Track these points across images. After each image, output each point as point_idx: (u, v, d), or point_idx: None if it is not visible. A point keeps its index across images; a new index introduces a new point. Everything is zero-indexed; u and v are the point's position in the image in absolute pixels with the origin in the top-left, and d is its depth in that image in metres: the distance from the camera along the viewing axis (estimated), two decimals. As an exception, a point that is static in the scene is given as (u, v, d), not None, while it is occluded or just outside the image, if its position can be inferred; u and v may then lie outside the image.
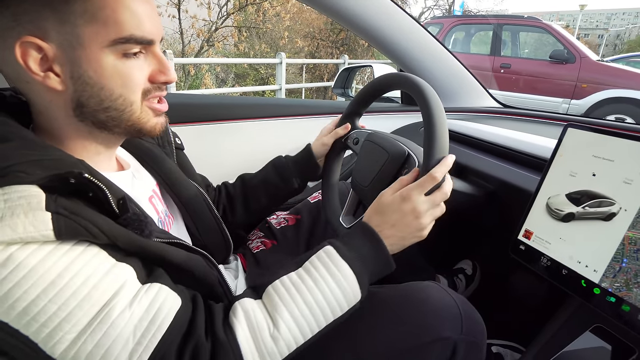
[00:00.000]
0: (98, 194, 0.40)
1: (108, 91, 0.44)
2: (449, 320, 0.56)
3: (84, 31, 0.41)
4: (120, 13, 0.42)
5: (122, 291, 0.39)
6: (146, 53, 0.47)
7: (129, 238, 0.42)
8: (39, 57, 0.41)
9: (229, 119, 1.08)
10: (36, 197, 0.36)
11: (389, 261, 0.54)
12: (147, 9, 0.45)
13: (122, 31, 0.43)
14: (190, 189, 0.71)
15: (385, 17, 1.00)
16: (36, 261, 0.35)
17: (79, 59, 0.42)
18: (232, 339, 0.43)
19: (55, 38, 0.41)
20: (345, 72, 1.42)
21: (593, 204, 0.55)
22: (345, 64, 5.83)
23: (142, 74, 0.47)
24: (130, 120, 0.48)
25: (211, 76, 6.83)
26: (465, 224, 1.12)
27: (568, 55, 4.32)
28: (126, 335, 0.38)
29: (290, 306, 0.46)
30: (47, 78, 0.42)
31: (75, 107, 0.45)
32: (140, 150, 0.66)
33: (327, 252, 0.51)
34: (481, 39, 5.34)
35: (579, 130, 0.60)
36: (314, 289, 0.48)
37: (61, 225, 0.36)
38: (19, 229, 0.34)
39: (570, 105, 4.30)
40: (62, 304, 0.35)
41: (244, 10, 7.33)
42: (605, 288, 0.53)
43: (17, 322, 0.35)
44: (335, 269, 0.49)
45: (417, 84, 0.63)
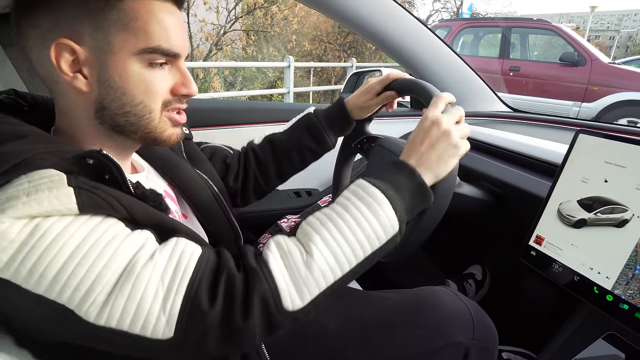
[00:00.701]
0: (115, 173, 0.41)
1: (130, 96, 0.46)
2: (461, 326, 0.56)
3: (116, 38, 0.43)
4: (151, 25, 0.44)
5: (143, 248, 0.40)
6: (171, 65, 0.49)
7: (147, 212, 0.43)
8: (70, 59, 0.43)
9: (240, 124, 1.09)
10: (57, 175, 0.38)
11: (425, 191, 0.50)
12: (176, 24, 0.47)
13: (151, 42, 0.45)
14: (200, 186, 0.71)
15: (393, 21, 1.01)
16: (61, 228, 0.36)
17: (107, 64, 0.44)
18: (265, 267, 0.42)
19: (88, 42, 0.43)
20: (354, 77, 1.42)
21: (605, 210, 0.55)
22: (353, 68, 5.84)
23: (165, 85, 0.49)
24: (147, 128, 0.49)
25: (219, 79, 6.90)
26: (475, 229, 1.11)
27: (578, 57, 4.27)
28: (155, 284, 0.38)
29: (323, 234, 0.44)
30: (75, 79, 0.44)
31: (97, 110, 0.47)
32: (151, 152, 0.68)
33: (359, 184, 0.48)
34: (490, 42, 5.32)
35: (590, 136, 0.60)
36: (346, 216, 0.45)
37: (84, 198, 0.38)
38: (44, 203, 0.36)
39: (581, 108, 4.25)
40: (90, 265, 0.36)
41: (252, 14, 7.40)
42: (618, 295, 0.52)
43: (48, 291, 0.35)
44: (368, 197, 0.46)
45: (428, 90, 0.64)
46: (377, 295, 0.64)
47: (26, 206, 0.35)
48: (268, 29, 7.66)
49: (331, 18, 1.00)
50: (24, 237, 0.35)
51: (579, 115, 4.25)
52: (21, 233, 0.35)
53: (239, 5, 7.12)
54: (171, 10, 0.47)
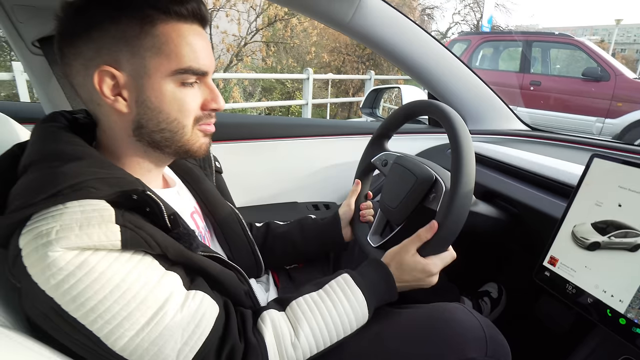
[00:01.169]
0: (155, 209, 0.46)
1: (165, 115, 0.51)
2: (474, 342, 0.58)
3: (151, 62, 0.48)
4: (182, 47, 0.48)
5: (172, 297, 0.45)
6: (200, 83, 0.53)
7: (178, 250, 0.48)
8: (111, 83, 0.48)
9: (261, 138, 1.14)
10: (107, 210, 0.43)
11: (395, 293, 0.64)
12: (203, 44, 0.51)
13: (182, 63, 0.49)
14: (226, 209, 0.76)
15: (411, 40, 1.04)
16: (105, 266, 0.41)
17: (144, 86, 0.49)
18: (261, 343, 0.51)
19: (126, 67, 0.48)
20: (373, 93, 1.46)
21: (619, 234, 0.57)
22: (371, 80, 5.89)
23: (196, 102, 0.53)
24: (180, 142, 0.54)
25: (239, 89, 7.05)
26: (491, 247, 1.12)
27: (602, 73, 4.20)
28: (176, 336, 0.44)
29: (310, 321, 0.54)
30: (116, 102, 0.49)
31: (135, 128, 0.51)
32: (183, 170, 0.73)
33: (345, 278, 0.60)
34: (510, 55, 5.28)
35: (605, 161, 0.61)
36: (332, 308, 0.56)
37: (127, 237, 0.43)
38: (94, 237, 0.41)
39: (605, 125, 4.16)
40: (124, 304, 0.41)
41: (272, 26, 7.56)
42: (631, 319, 0.53)
43: (84, 318, 0.40)
44: (351, 294, 0.58)
45: (446, 114, 0.66)
46: (392, 311, 0.66)
47: (78, 239, 0.40)
48: (288, 40, 7.81)
49: (351, 37, 1.05)
50: (72, 269, 0.40)
51: (602, 132, 4.16)
52: (69, 264, 0.40)
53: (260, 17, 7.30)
54: (198, 31, 0.51)
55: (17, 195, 0.43)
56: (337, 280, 0.60)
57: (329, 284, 0.60)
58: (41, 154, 0.46)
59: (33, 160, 0.46)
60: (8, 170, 0.48)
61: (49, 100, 0.91)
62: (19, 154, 0.50)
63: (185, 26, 0.49)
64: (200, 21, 0.51)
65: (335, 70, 8.42)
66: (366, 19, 0.92)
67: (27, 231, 0.41)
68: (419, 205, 0.72)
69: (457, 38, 6.14)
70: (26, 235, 0.40)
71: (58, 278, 0.39)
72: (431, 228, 0.63)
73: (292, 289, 0.80)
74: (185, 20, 0.49)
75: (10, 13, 0.77)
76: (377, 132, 0.88)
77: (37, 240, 0.40)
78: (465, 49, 5.35)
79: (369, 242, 0.79)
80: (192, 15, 0.49)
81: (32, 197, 0.41)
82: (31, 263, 0.40)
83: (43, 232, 0.40)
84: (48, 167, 0.44)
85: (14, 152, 0.51)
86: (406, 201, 0.73)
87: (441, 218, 0.62)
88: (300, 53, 8.27)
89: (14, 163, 0.48)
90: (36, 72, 0.87)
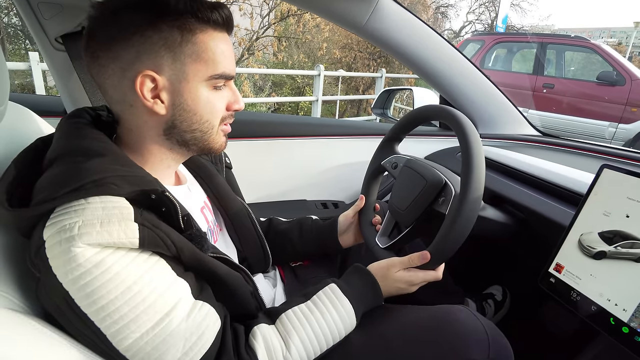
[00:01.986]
0: (170, 209, 0.49)
1: (199, 116, 0.54)
2: (476, 344, 0.59)
3: (190, 68, 0.51)
4: (217, 55, 0.52)
5: (180, 304, 0.47)
6: (226, 86, 0.57)
7: (191, 251, 0.50)
8: (151, 86, 0.50)
9: (272, 136, 1.16)
10: (127, 208, 0.45)
11: (381, 300, 0.67)
12: (231, 51, 0.55)
13: (217, 69, 0.52)
14: (237, 204, 0.78)
15: (424, 43, 1.05)
16: (120, 267, 0.43)
17: (182, 90, 0.51)
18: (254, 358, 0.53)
19: (167, 72, 0.50)
20: (385, 94, 1.47)
21: (625, 244, 0.57)
22: (382, 78, 5.86)
23: (223, 103, 0.56)
24: (207, 141, 0.57)
25: (249, 84, 7.07)
26: (497, 250, 1.13)
27: (617, 77, 4.13)
28: (178, 345, 0.46)
29: (301, 333, 0.56)
30: (155, 104, 0.51)
31: (167, 128, 0.54)
32: (196, 165, 0.75)
33: (332, 289, 0.62)
34: (524, 56, 5.22)
35: (614, 172, 0.62)
36: (321, 319, 0.58)
37: (145, 235, 0.45)
38: (114, 235, 0.43)
39: (618, 130, 4.10)
40: (133, 307, 0.43)
41: (285, 20, 7.54)
42: (634, 328, 0.54)
43: (94, 315, 0.42)
44: (339, 304, 0.60)
45: (458, 120, 0.67)
46: (397, 310, 0.68)
47: (99, 235, 0.42)
48: (299, 36, 7.80)
49: (366, 39, 1.05)
50: (89, 267, 0.42)
51: (615, 137, 4.10)
52: (88, 262, 0.41)
53: (272, 12, 7.29)
54: (226, 38, 0.55)
55: (43, 188, 0.45)
56: (324, 291, 0.62)
57: (317, 294, 0.61)
58: (66, 149, 0.48)
59: (59, 155, 0.48)
60: (32, 163, 0.50)
61: (69, 95, 0.94)
62: (42, 148, 0.52)
63: (219, 34, 0.53)
64: (229, 29, 0.55)
65: (346, 66, 8.38)
66: (382, 22, 0.93)
67: (51, 224, 0.43)
68: (427, 208, 0.73)
69: (470, 38, 6.08)
70: (50, 228, 0.42)
71: (76, 273, 0.41)
72: (423, 257, 0.66)
73: (297, 286, 0.82)
74: (220, 29, 0.53)
75: (36, 10, 0.79)
76: (387, 135, 0.89)
77: (61, 234, 0.42)
78: (478, 49, 5.30)
79: (377, 243, 0.81)
80: (225, 23, 0.53)
81: (56, 190, 0.43)
82: (53, 255, 0.41)
83: (66, 227, 0.42)
84: (72, 162, 0.46)
85: (37, 146, 0.53)
86: (415, 204, 0.74)
87: (449, 223, 0.63)
88: (312, 49, 8.24)
89: (37, 156, 0.51)
90: (58, 68, 0.90)
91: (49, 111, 1.01)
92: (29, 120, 0.67)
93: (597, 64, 4.44)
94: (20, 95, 1.76)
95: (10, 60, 4.53)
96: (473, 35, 6.16)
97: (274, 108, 6.95)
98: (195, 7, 0.49)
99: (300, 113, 7.12)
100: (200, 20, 0.50)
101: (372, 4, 0.90)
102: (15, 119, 0.63)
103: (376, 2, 0.90)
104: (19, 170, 0.48)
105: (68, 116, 0.55)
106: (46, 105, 1.07)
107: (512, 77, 4.93)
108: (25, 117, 0.67)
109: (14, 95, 1.22)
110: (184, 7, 0.49)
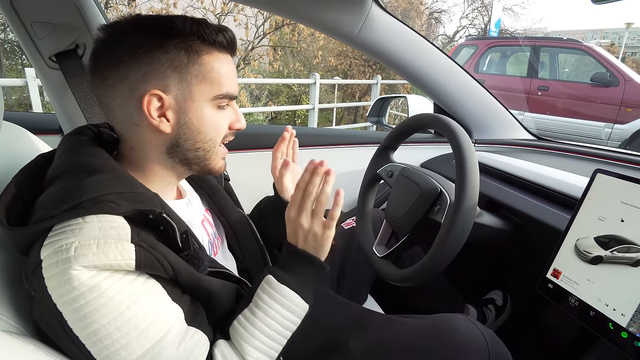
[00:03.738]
0: (168, 229, 0.49)
1: (203, 135, 0.54)
2: (477, 353, 0.59)
3: (196, 88, 0.52)
4: (222, 75, 0.53)
5: (172, 331, 0.46)
6: (229, 105, 0.57)
7: (188, 272, 0.50)
8: (158, 105, 0.51)
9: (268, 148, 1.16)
10: (124, 228, 0.44)
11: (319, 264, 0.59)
12: (234, 72, 0.56)
13: (222, 89, 0.53)
14: (238, 215, 0.78)
15: (417, 52, 1.05)
16: (114, 292, 0.43)
17: (188, 109, 0.52)
18: None
19: (173, 92, 0.51)
20: (379, 102, 1.48)
21: (621, 249, 0.57)
22: (377, 84, 5.89)
23: (227, 122, 0.57)
24: (209, 160, 0.58)
25: (246, 93, 7.10)
26: (496, 255, 1.13)
27: (611, 78, 4.17)
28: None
29: (251, 340, 0.53)
30: (161, 122, 0.52)
31: (171, 146, 0.54)
32: (199, 178, 0.75)
33: (269, 281, 0.56)
34: (518, 60, 5.26)
35: (608, 177, 0.62)
36: (267, 319, 0.54)
37: (141, 257, 0.44)
38: (110, 256, 0.42)
39: (614, 130, 4.13)
40: (124, 333, 0.43)
41: (280, 30, 7.60)
42: (632, 333, 0.54)
43: (86, 338, 0.42)
44: (280, 296, 0.55)
45: (451, 128, 0.68)
46: (397, 320, 0.68)
47: (95, 257, 0.42)
48: (295, 44, 7.86)
49: (358, 50, 1.06)
50: (83, 290, 0.41)
51: (610, 137, 4.13)
52: (82, 285, 0.41)
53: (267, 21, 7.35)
54: (230, 60, 0.56)
55: (42, 205, 0.45)
56: (262, 287, 0.56)
57: (255, 294, 0.57)
58: (67, 166, 0.49)
59: (60, 172, 0.48)
60: (33, 180, 0.50)
61: (64, 113, 0.94)
62: (43, 165, 0.52)
63: (224, 56, 0.54)
64: (233, 51, 0.56)
65: (342, 74, 8.44)
66: (373, 33, 0.94)
67: (48, 243, 0.43)
68: (423, 216, 0.73)
69: (464, 43, 6.14)
70: (47, 248, 0.42)
71: (70, 296, 0.41)
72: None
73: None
74: (224, 51, 0.54)
75: (30, 29, 0.80)
76: (382, 144, 0.90)
77: (58, 255, 0.41)
78: (472, 54, 5.35)
79: (374, 252, 0.81)
80: (229, 45, 0.54)
81: (55, 208, 0.43)
82: (49, 276, 0.41)
83: (63, 247, 0.42)
84: (72, 179, 0.46)
85: (37, 163, 0.53)
86: (411, 212, 0.75)
87: (445, 232, 0.63)
88: (307, 57, 8.30)
89: (38, 173, 0.51)
90: (53, 86, 0.91)
91: (44, 129, 1.01)
92: (24, 139, 0.67)
93: (591, 65, 4.48)
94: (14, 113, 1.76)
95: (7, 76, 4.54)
96: (467, 40, 6.22)
97: (271, 117, 6.98)
98: (201, 29, 0.51)
99: (297, 121, 7.14)
100: (206, 42, 0.51)
101: (363, 14, 0.91)
102: (10, 138, 0.63)
103: (367, 13, 0.91)
104: (18, 188, 0.49)
105: (70, 133, 0.55)
106: (41, 123, 1.07)
107: (507, 81, 4.97)
108: (21, 136, 0.67)
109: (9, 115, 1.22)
110: (191, 29, 0.50)
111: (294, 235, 0.59)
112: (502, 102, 1.22)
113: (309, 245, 0.58)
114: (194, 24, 0.50)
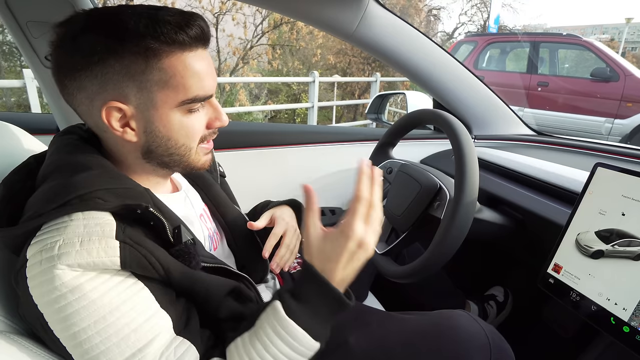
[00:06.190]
0: (158, 224, 0.47)
1: (174, 141, 0.52)
2: (478, 350, 0.59)
3: (158, 95, 0.47)
4: (188, 79, 0.48)
5: (156, 340, 0.43)
6: (204, 104, 0.54)
7: (180, 270, 0.47)
8: (119, 116, 0.48)
9: (267, 146, 1.15)
10: (109, 225, 0.43)
11: (342, 301, 0.49)
12: (208, 68, 0.50)
13: (189, 94, 0.48)
14: (235, 212, 0.78)
15: (417, 49, 1.05)
16: (97, 295, 0.41)
17: (152, 117, 0.49)
18: None
19: (133, 101, 0.47)
20: (378, 99, 1.47)
21: (622, 242, 0.57)
22: (377, 82, 5.88)
23: (202, 124, 0.53)
24: (187, 161, 0.55)
25: (245, 92, 7.09)
26: (497, 251, 1.12)
27: (611, 73, 4.15)
28: None
29: None
30: (124, 133, 0.49)
31: (144, 152, 0.53)
32: (194, 175, 0.75)
33: (274, 311, 0.47)
34: (518, 56, 5.25)
35: (608, 170, 0.62)
36: (265, 354, 0.46)
37: (127, 254, 0.43)
38: (93, 254, 0.41)
39: (614, 125, 4.12)
40: (104, 338, 0.41)
41: (278, 28, 7.59)
42: (634, 327, 0.54)
43: (66, 340, 0.41)
44: (283, 331, 0.46)
45: (450, 124, 0.67)
46: (397, 317, 0.67)
47: (78, 255, 0.40)
48: (293, 43, 7.84)
49: (356, 47, 1.06)
50: (65, 291, 0.40)
51: (611, 132, 4.12)
52: (64, 286, 0.40)
53: (265, 20, 7.33)
54: (202, 55, 0.49)
55: (32, 204, 0.44)
56: (266, 316, 0.48)
57: (259, 319, 0.48)
58: (56, 165, 0.48)
59: (50, 171, 0.47)
60: (24, 180, 0.50)
61: (61, 112, 0.94)
62: (35, 166, 0.52)
63: (190, 54, 0.48)
64: (203, 43, 0.50)
65: (341, 72, 8.42)
66: (371, 29, 0.94)
67: (35, 242, 0.42)
68: (423, 212, 0.73)
69: (463, 39, 6.11)
70: (34, 247, 0.42)
71: (51, 296, 0.40)
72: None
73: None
74: (190, 48, 0.48)
75: (25, 29, 0.79)
76: (381, 140, 0.89)
77: (42, 254, 0.41)
78: (472, 50, 5.33)
79: (374, 249, 0.80)
80: (195, 40, 0.48)
81: (44, 206, 0.43)
82: (32, 275, 0.41)
83: (47, 246, 0.41)
84: (61, 177, 0.45)
85: (29, 164, 0.52)
86: (411, 209, 0.74)
87: (444, 227, 0.63)
88: (306, 55, 8.29)
89: (29, 173, 0.50)
90: (49, 85, 0.90)
91: (42, 129, 1.01)
92: (20, 138, 0.67)
93: (591, 60, 4.46)
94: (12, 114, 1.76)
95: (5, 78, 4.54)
96: (466, 37, 6.20)
97: (271, 116, 6.97)
98: (158, 28, 0.45)
99: (297, 120, 7.14)
100: (165, 44, 0.45)
101: (360, 10, 0.90)
102: (6, 138, 0.63)
103: (365, 9, 0.90)
104: (8, 189, 0.48)
105: (60, 133, 0.55)
106: (39, 123, 1.07)
107: (507, 77, 4.96)
108: (17, 136, 0.67)
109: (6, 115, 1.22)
110: (145, 29, 0.44)
111: (335, 255, 0.48)
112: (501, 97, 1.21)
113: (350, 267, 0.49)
114: (150, 22, 0.44)
